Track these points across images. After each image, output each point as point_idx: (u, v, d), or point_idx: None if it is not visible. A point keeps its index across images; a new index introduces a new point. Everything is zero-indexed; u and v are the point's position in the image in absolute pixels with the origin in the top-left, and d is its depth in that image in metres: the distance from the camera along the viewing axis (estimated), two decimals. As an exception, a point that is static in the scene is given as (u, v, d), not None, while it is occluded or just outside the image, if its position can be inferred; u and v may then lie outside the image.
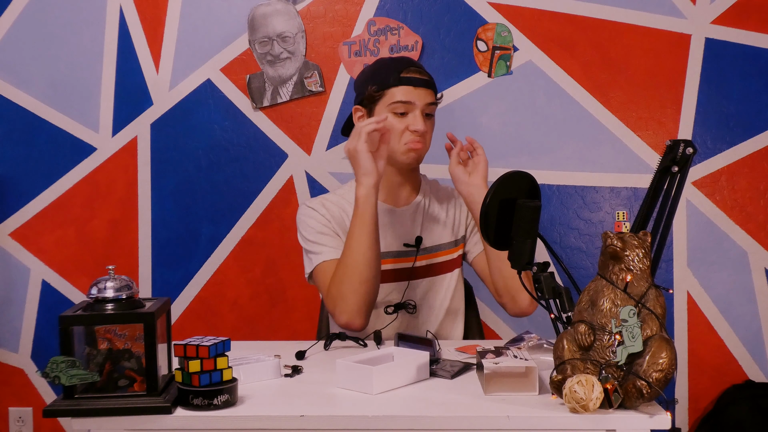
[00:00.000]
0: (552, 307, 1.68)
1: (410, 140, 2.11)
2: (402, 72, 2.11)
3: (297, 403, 1.53)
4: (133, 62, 2.80)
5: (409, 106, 2.09)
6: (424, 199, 2.23)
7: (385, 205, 2.20)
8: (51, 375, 1.43)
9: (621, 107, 2.77)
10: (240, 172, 2.81)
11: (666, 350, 1.40)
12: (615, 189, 2.78)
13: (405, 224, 2.20)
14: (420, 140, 2.11)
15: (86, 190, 2.83)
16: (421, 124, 2.09)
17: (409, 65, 2.14)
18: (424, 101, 2.10)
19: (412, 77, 2.10)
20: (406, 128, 2.10)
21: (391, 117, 2.10)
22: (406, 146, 2.12)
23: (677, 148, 1.67)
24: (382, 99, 2.11)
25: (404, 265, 2.17)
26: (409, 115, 2.10)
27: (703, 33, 2.74)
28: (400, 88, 2.09)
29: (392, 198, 2.21)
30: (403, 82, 2.10)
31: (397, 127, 2.11)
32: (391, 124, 2.10)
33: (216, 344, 1.48)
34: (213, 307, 2.84)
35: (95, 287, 1.49)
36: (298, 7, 2.77)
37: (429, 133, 2.15)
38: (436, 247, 2.20)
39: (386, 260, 2.16)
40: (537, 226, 1.71)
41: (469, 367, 1.72)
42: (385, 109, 2.11)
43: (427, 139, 2.14)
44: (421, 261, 2.18)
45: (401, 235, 2.19)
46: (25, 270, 2.86)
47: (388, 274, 2.16)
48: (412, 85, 2.09)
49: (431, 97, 2.12)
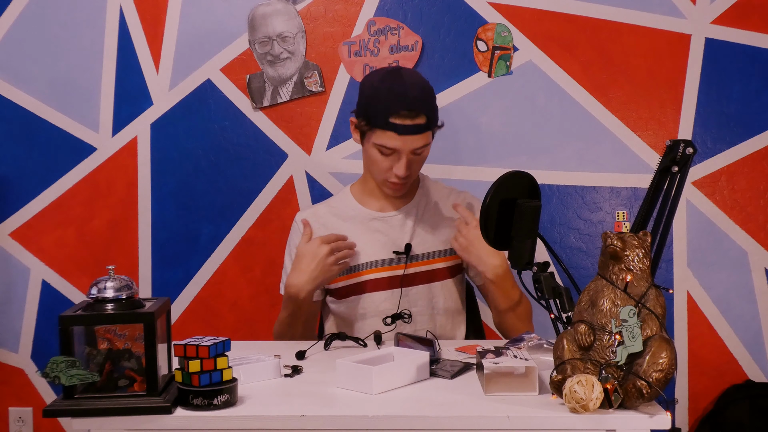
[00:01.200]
0: (552, 307, 1.68)
1: (391, 181, 2.10)
2: (391, 116, 2.01)
3: (297, 403, 1.53)
4: (133, 62, 2.80)
5: (394, 151, 2.06)
6: (419, 204, 2.20)
7: (372, 213, 2.19)
8: (51, 375, 1.43)
9: (621, 107, 2.76)
10: (240, 172, 2.81)
11: (666, 350, 1.40)
12: (615, 189, 2.78)
13: (393, 231, 2.17)
14: (402, 183, 2.10)
15: (86, 190, 2.83)
16: (402, 170, 2.05)
17: (402, 107, 2.01)
18: (410, 148, 2.04)
19: (399, 125, 2.01)
20: (390, 167, 2.08)
21: (376, 153, 2.07)
22: (386, 182, 2.12)
23: (677, 148, 1.67)
24: (370, 134, 2.08)
25: (397, 272, 2.15)
26: (394, 155, 2.06)
27: (703, 33, 2.74)
28: (386, 133, 2.03)
29: (381, 203, 2.19)
30: (389, 127, 2.02)
31: (381, 163, 2.08)
32: (374, 159, 2.09)
33: (216, 344, 1.48)
34: (213, 307, 2.84)
35: (95, 287, 1.49)
36: (298, 7, 2.77)
37: (418, 167, 2.12)
38: (429, 254, 2.16)
39: (376, 268, 2.14)
40: (537, 226, 1.71)
41: (469, 367, 1.72)
42: (372, 145, 2.09)
43: (413, 174, 2.11)
44: (415, 268, 2.15)
45: (390, 242, 2.16)
46: (25, 270, 2.86)
47: (380, 282, 2.14)
48: (398, 133, 2.02)
49: (421, 142, 2.04)
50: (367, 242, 2.16)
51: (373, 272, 2.15)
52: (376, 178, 2.14)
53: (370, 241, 2.16)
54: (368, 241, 2.16)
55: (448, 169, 2.73)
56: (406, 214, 2.18)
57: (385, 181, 2.12)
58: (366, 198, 2.21)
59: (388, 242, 2.16)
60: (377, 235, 2.17)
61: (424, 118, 2.04)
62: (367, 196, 2.21)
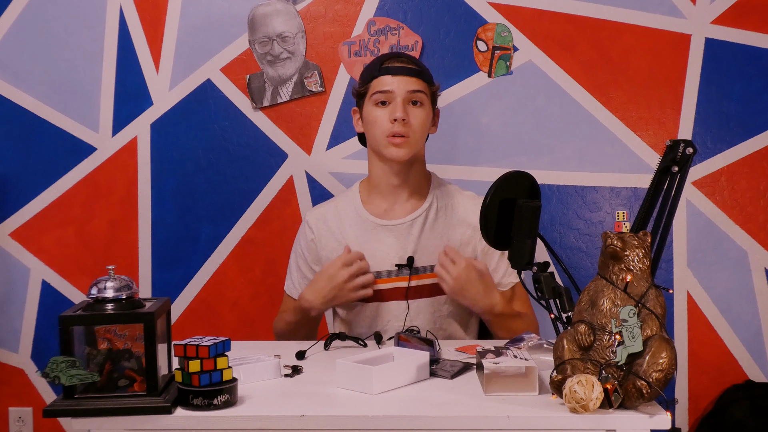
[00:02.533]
0: (552, 307, 1.68)
1: (390, 130, 2.05)
2: (384, 63, 2.08)
3: (297, 403, 1.53)
4: (133, 62, 2.80)
5: (389, 95, 2.05)
6: (428, 211, 2.15)
7: (377, 220, 2.15)
8: (51, 375, 1.43)
9: (621, 107, 2.76)
10: (240, 172, 2.81)
11: (666, 350, 1.40)
12: (615, 189, 2.78)
13: (398, 242, 2.12)
14: (402, 131, 2.03)
15: (86, 190, 2.83)
16: (399, 110, 2.02)
17: (394, 56, 2.11)
18: (404, 89, 2.04)
19: (391, 66, 2.06)
20: (389, 119, 2.05)
21: (375, 109, 2.07)
22: (387, 139, 2.06)
23: (677, 148, 1.67)
24: (367, 94, 2.09)
25: (401, 284, 2.11)
26: (392, 105, 2.06)
27: (703, 33, 2.74)
28: (380, 78, 2.06)
29: (388, 206, 2.15)
30: (382, 72, 2.07)
31: (380, 119, 2.06)
32: (374, 117, 2.07)
33: (216, 344, 1.48)
34: (213, 307, 2.84)
35: (95, 287, 1.49)
36: (298, 7, 2.77)
37: (418, 122, 2.06)
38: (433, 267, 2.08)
39: (380, 279, 2.10)
40: (537, 226, 1.71)
41: (469, 367, 1.72)
42: (370, 102, 2.08)
43: (415, 130, 2.06)
44: (419, 280, 2.11)
45: (393, 254, 2.12)
46: (25, 270, 2.86)
47: (384, 293, 2.11)
48: (391, 74, 2.05)
49: (415, 85, 2.05)
50: (370, 251, 2.12)
51: (376, 283, 2.11)
52: (379, 141, 2.08)
53: (374, 250, 2.13)
54: (372, 250, 2.13)
55: (448, 169, 2.73)
56: (411, 222, 2.14)
57: (386, 141, 2.06)
58: (372, 197, 2.18)
59: (391, 253, 2.13)
60: (381, 245, 2.13)
61: (416, 66, 2.10)
62: (374, 195, 2.18)
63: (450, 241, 2.12)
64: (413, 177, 2.15)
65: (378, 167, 2.15)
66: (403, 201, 2.16)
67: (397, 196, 2.16)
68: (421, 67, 2.13)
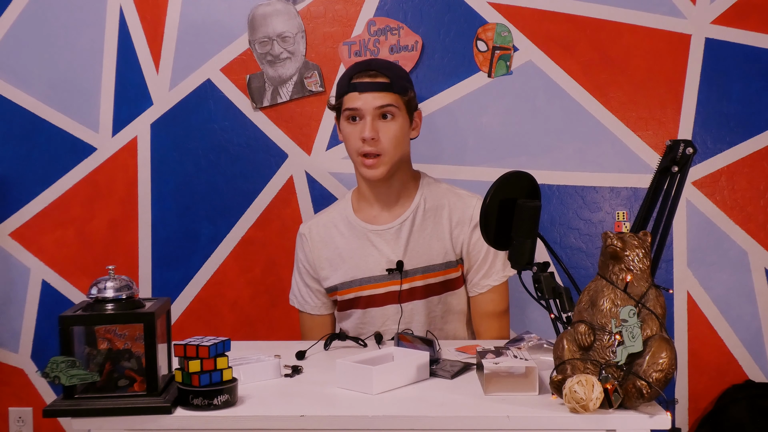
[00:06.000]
0: (552, 307, 1.68)
1: (361, 149, 2.03)
2: (353, 78, 2.04)
3: (297, 403, 1.54)
4: (133, 62, 2.80)
5: (358, 113, 2.03)
6: (415, 213, 2.15)
7: (367, 226, 2.15)
8: (51, 375, 1.43)
9: (621, 107, 2.76)
10: (240, 172, 2.81)
11: (666, 350, 1.40)
12: (615, 189, 2.78)
13: (387, 246, 2.13)
14: (372, 150, 2.03)
15: (86, 190, 2.83)
16: (368, 130, 2.00)
17: (362, 69, 2.05)
18: (371, 106, 2.02)
19: (359, 83, 2.02)
20: (359, 137, 2.04)
21: (347, 125, 2.06)
22: (359, 158, 2.06)
23: (677, 148, 1.67)
24: (341, 108, 2.07)
25: (393, 288, 2.12)
26: (362, 122, 2.03)
27: (703, 33, 2.74)
28: (348, 95, 2.04)
29: (377, 211, 2.15)
30: (350, 88, 2.03)
31: (351, 136, 2.05)
32: (347, 133, 2.06)
33: (216, 344, 1.48)
34: (213, 307, 2.84)
35: (95, 287, 1.49)
36: (298, 7, 2.77)
37: (389, 138, 2.04)
38: (425, 268, 2.12)
39: (372, 284, 2.12)
40: (537, 226, 1.71)
41: (469, 367, 1.72)
42: (343, 117, 2.07)
43: (387, 147, 2.04)
44: (411, 283, 2.12)
45: (384, 258, 2.13)
46: (25, 270, 2.86)
47: (377, 298, 2.12)
48: (358, 91, 2.02)
49: (384, 99, 2.02)
50: (362, 257, 2.15)
51: (369, 288, 2.14)
52: (354, 158, 2.09)
53: (365, 255, 2.14)
54: (363, 256, 2.15)
55: (448, 169, 2.73)
56: (400, 226, 2.14)
57: (360, 160, 2.06)
58: (362, 204, 2.20)
59: (383, 258, 2.14)
60: (372, 250, 2.14)
61: (386, 78, 2.04)
62: (363, 203, 2.19)
63: (440, 241, 2.13)
64: (398, 182, 2.15)
65: (361, 177, 2.16)
66: (391, 205, 2.16)
67: (385, 202, 2.16)
68: (394, 76, 2.07)
